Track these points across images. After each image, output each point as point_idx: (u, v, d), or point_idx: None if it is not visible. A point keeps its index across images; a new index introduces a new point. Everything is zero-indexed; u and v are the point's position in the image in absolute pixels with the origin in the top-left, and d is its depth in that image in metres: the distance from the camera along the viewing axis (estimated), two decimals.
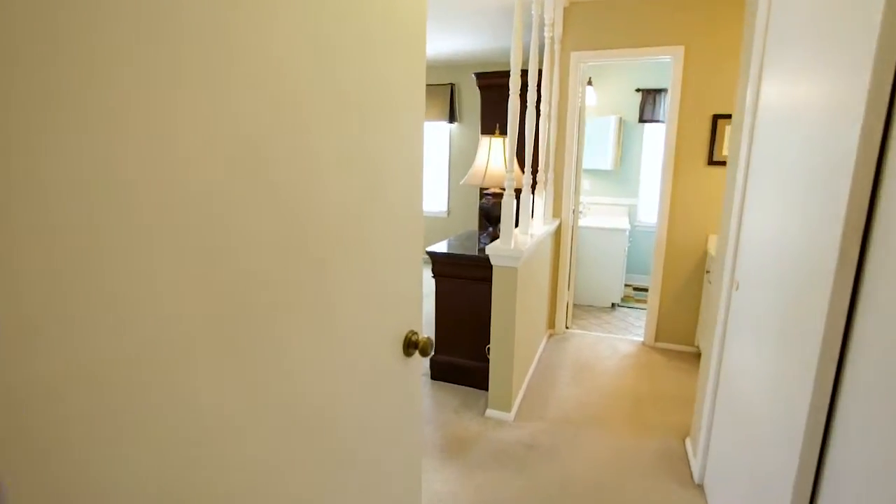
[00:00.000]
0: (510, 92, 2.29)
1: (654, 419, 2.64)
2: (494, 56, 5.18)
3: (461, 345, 2.95)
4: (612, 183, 5.46)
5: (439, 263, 2.88)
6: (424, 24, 1.08)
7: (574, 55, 3.52)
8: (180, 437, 0.54)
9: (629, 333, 4.00)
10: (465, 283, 2.84)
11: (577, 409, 2.73)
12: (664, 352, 3.57)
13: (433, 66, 5.90)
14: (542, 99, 3.15)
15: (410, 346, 1.14)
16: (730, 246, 1.89)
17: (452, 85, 5.83)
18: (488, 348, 2.67)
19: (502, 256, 2.38)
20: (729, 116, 3.18)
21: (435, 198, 6.34)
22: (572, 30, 3.49)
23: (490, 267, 2.47)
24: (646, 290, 5.26)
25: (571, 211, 3.79)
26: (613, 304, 4.68)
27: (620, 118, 5.24)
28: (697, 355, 3.48)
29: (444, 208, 6.29)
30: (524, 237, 2.69)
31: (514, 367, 2.57)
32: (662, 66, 4.99)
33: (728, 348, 1.89)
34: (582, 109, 3.76)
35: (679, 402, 2.81)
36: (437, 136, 6.17)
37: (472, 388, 2.94)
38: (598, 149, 5.16)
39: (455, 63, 5.67)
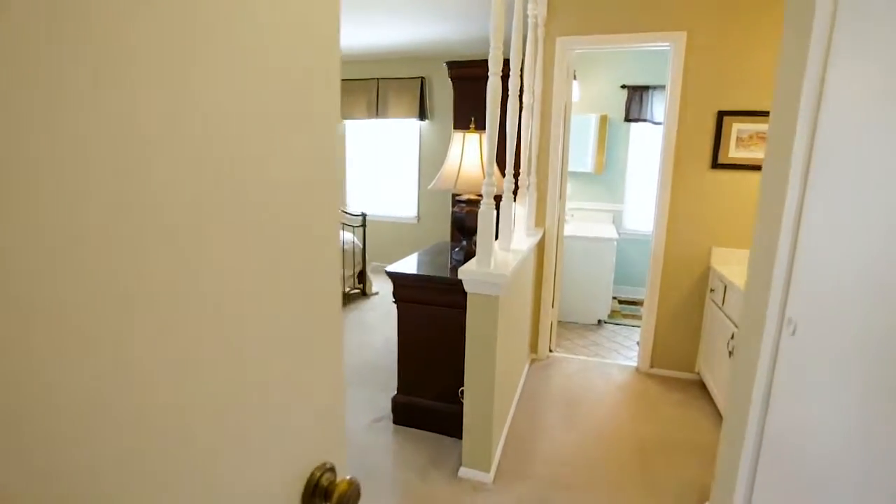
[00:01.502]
0: (490, 73, 1.80)
1: (664, 475, 2.18)
2: (469, 46, 4.69)
3: (429, 383, 2.44)
4: (594, 187, 5.06)
5: (402, 287, 2.36)
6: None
7: (560, 41, 3.06)
8: None
9: (620, 356, 3.56)
10: (433, 311, 2.33)
11: (571, 462, 2.25)
12: (662, 380, 3.14)
13: (401, 58, 5.38)
14: (525, 90, 2.68)
15: (318, 495, 0.62)
16: (777, 276, 1.43)
17: (423, 79, 5.32)
18: (461, 391, 2.17)
19: (480, 282, 1.88)
20: (739, 113, 2.78)
21: (403, 202, 5.82)
22: (558, 12, 3.03)
23: (464, 290, 1.96)
24: (634, 303, 4.87)
25: (557, 219, 3.33)
26: (600, 321, 4.25)
27: (602, 117, 4.83)
28: (699, 383, 3.07)
29: (414, 213, 5.77)
30: (505, 254, 2.20)
31: (493, 414, 2.07)
32: (651, 60, 4.61)
33: (776, 403, 1.44)
34: (568, 105, 3.31)
35: (690, 451, 2.37)
36: (406, 134, 5.64)
37: (442, 436, 2.43)
38: (577, 150, 4.73)
39: (425, 54, 5.16)
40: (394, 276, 2.34)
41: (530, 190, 3.03)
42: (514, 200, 2.63)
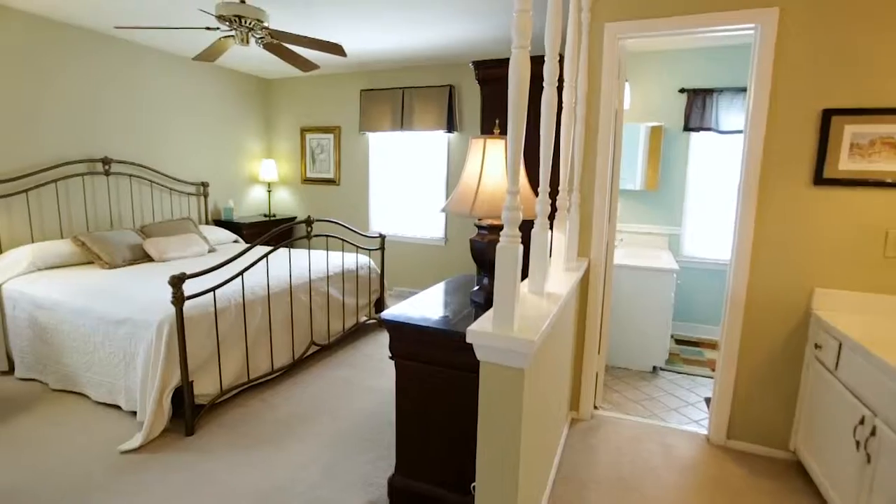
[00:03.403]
0: (546, 59, 1.25)
1: None
2: (502, 44, 4.18)
3: (435, 464, 1.86)
4: (645, 207, 4.37)
5: (400, 340, 1.81)
6: None
7: (609, 28, 2.49)
8: None
9: (685, 418, 2.86)
10: (441, 373, 1.77)
11: None
12: (744, 458, 2.42)
13: (428, 65, 4.93)
14: (565, 85, 2.12)
15: None
16: None
17: (451, 87, 4.84)
18: (473, 487, 1.58)
19: (496, 349, 1.31)
20: (853, 112, 2.10)
21: (430, 223, 5.30)
22: None
23: None
24: (697, 344, 4.11)
25: (605, 247, 2.71)
26: (655, 368, 3.54)
27: (654, 128, 4.17)
28: (796, 466, 2.33)
29: (441, 235, 5.24)
30: (537, 302, 1.62)
31: None
32: (717, 58, 3.94)
33: None
34: (619, 110, 2.71)
35: None
36: (433, 147, 5.16)
37: None
38: (625, 164, 4.09)
39: (453, 59, 4.68)
40: (390, 325, 1.80)
41: (572, 212, 2.43)
42: (551, 226, 2.05)
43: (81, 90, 3.94)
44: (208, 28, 2.85)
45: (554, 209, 2.16)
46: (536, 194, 1.80)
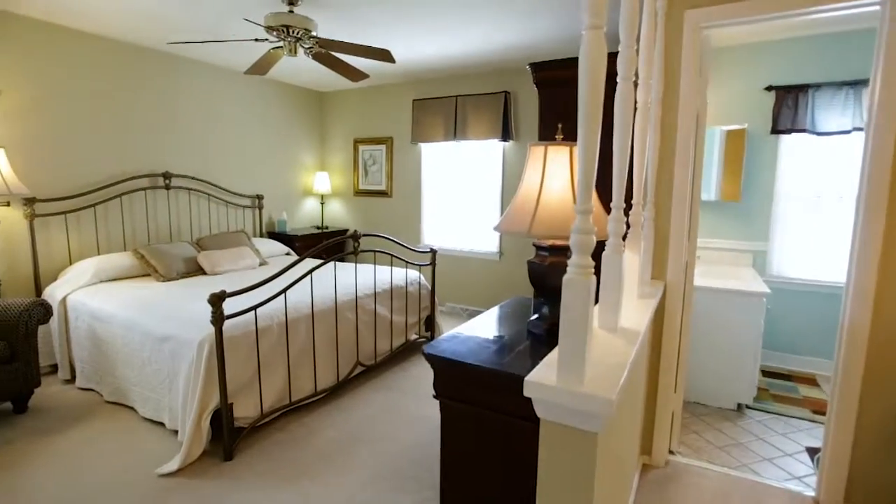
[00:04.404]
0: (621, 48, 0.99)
1: None
2: (560, 46, 3.90)
3: None
4: (723, 219, 3.90)
5: (445, 377, 1.58)
6: None
7: (690, 16, 2.16)
8: None
9: (783, 472, 2.41)
10: (493, 418, 1.51)
11: None
12: None
13: (481, 72, 4.72)
14: (640, 83, 1.82)
15: None
16: None
17: (506, 93, 4.60)
18: None
19: (562, 408, 1.04)
20: None
21: (484, 236, 5.06)
22: None
23: None
24: (787, 377, 3.58)
25: (684, 268, 2.35)
26: (741, 406, 3.07)
27: (732, 130, 3.72)
28: None
29: (495, 249, 4.98)
30: (609, 341, 1.34)
31: None
32: (812, 49, 3.46)
33: None
34: (702, 108, 2.36)
35: None
36: (488, 157, 4.93)
37: None
38: None
39: (509, 65, 4.45)
40: (433, 360, 1.57)
41: (645, 228, 2.11)
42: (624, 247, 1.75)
43: (142, 106, 4.07)
44: (257, 40, 2.79)
45: (627, 227, 1.86)
46: (605, 209, 1.52)
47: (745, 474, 2.37)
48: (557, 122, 2.90)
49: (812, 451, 2.56)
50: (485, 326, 1.85)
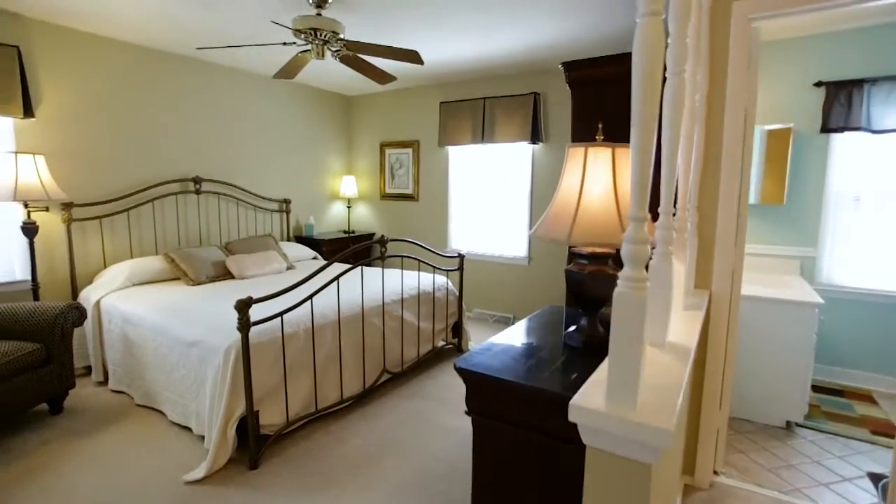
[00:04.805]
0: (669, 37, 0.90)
1: None
2: (594, 45, 3.77)
3: None
4: (766, 224, 3.69)
5: (477, 393, 1.49)
6: None
7: (739, 7, 2.02)
8: None
9: (840, 499, 2.22)
10: (527, 437, 1.41)
11: None
12: None
13: (511, 73, 4.62)
14: (686, 82, 1.70)
15: None
16: None
17: (535, 94, 4.49)
18: None
19: (612, 436, 0.94)
20: None
21: (512, 240, 4.95)
22: None
23: None
24: (840, 393, 3.34)
25: (731, 276, 2.20)
26: (790, 424, 2.87)
27: (776, 130, 3.51)
28: None
29: (524, 254, 4.86)
30: (659, 358, 1.22)
31: None
32: (867, 41, 3.24)
33: None
34: (751, 107, 2.20)
35: None
36: (517, 159, 4.83)
37: None
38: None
39: (538, 65, 4.34)
40: (466, 375, 1.49)
41: (690, 235, 1.97)
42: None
43: (173, 113, 4.14)
44: (284, 44, 2.78)
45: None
46: (654, 216, 1.41)
47: (799, 500, 2.19)
48: (590, 122, 2.78)
49: (875, 478, 2.35)
50: (518, 338, 1.75)
